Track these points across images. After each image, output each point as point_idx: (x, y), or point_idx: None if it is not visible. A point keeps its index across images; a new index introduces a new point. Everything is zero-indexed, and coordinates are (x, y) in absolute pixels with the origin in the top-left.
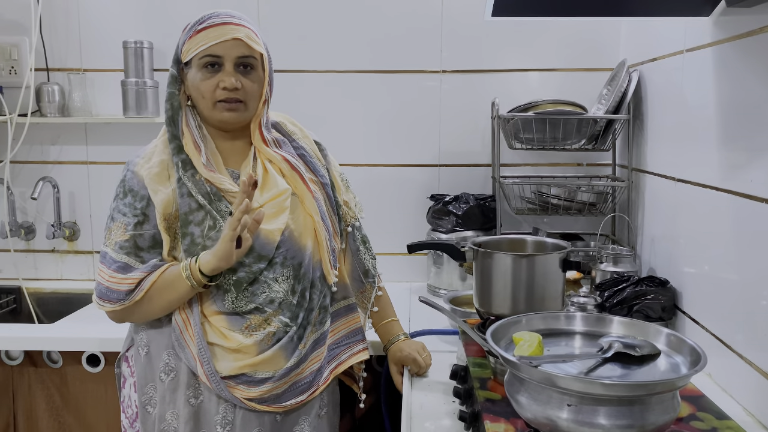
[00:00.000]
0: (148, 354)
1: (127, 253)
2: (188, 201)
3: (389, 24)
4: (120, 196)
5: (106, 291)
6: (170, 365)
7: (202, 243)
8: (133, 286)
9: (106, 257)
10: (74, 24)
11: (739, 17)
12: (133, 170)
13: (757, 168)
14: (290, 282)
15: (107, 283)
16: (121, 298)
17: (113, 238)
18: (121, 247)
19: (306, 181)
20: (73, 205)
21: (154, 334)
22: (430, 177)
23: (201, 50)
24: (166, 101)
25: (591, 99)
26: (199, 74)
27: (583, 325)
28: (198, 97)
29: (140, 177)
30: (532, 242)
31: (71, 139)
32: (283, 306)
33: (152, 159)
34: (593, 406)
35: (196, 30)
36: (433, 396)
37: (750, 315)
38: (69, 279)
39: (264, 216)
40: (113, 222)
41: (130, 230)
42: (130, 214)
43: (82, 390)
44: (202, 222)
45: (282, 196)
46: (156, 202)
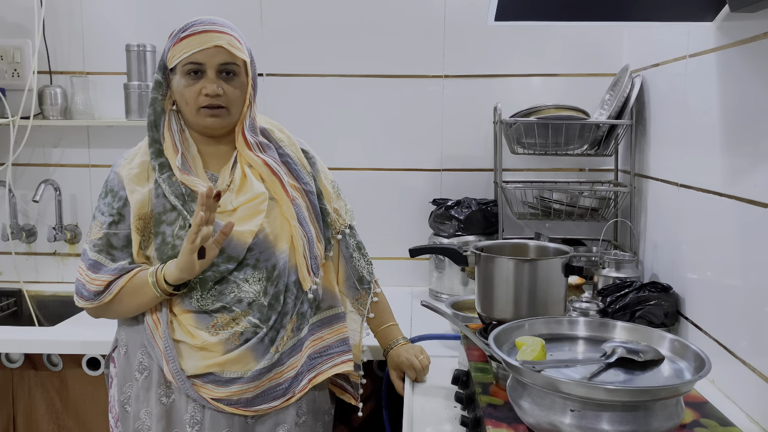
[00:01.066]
0: (126, 353)
1: (98, 251)
2: (162, 201)
3: (392, 29)
4: (102, 196)
5: (81, 287)
6: (144, 364)
7: (171, 242)
8: (101, 287)
9: (84, 254)
10: (77, 27)
11: (743, 22)
12: (116, 171)
13: (760, 173)
14: (262, 284)
15: (83, 279)
16: (91, 297)
17: (90, 236)
18: (95, 245)
19: (285, 186)
20: (74, 207)
21: (131, 333)
22: (433, 181)
23: (184, 57)
24: (149, 106)
25: (593, 104)
26: (183, 81)
27: (586, 330)
28: (182, 103)
29: (120, 177)
30: (534, 247)
31: (73, 141)
32: (253, 307)
33: (134, 160)
34: (596, 411)
35: (180, 37)
36: (435, 401)
37: (754, 321)
38: (70, 282)
39: (233, 226)
40: (94, 220)
41: (104, 229)
42: (107, 213)
43: (82, 393)
44: (174, 222)
45: (257, 199)
46: (132, 201)
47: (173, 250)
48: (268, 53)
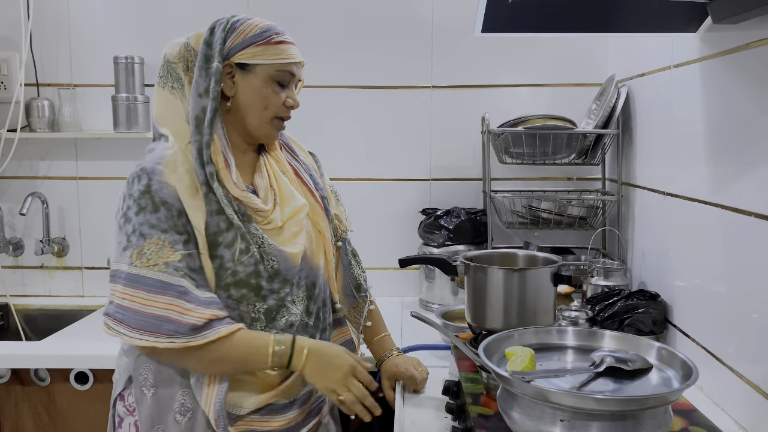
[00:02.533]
0: (156, 395)
1: (183, 275)
2: (217, 220)
3: (380, 40)
4: (148, 209)
5: (156, 321)
6: (186, 405)
7: (232, 268)
8: (200, 321)
9: (155, 284)
10: (65, 39)
11: (726, 33)
12: (161, 179)
13: (745, 182)
14: (304, 303)
15: (169, 313)
16: (182, 332)
17: (157, 259)
18: (176, 268)
19: (315, 195)
20: (62, 220)
21: (165, 373)
22: (422, 191)
23: (280, 63)
24: (212, 99)
25: (580, 114)
26: (270, 86)
27: (575, 339)
28: (257, 108)
29: (172, 187)
30: (523, 256)
31: (61, 154)
32: (299, 328)
33: (178, 168)
34: (586, 421)
35: (273, 40)
36: (426, 411)
37: (740, 328)
38: (57, 295)
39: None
40: (144, 239)
41: (180, 249)
42: (172, 231)
43: (70, 408)
44: (232, 244)
45: (301, 214)
46: (194, 220)
47: (234, 276)
48: None
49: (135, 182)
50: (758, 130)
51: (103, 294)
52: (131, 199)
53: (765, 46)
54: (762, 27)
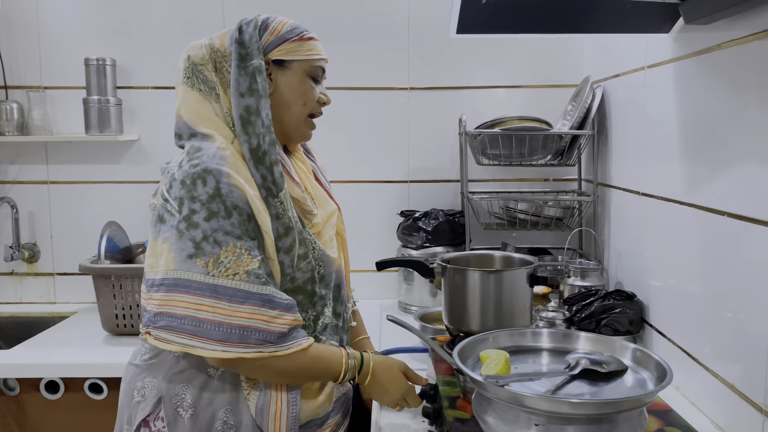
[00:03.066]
0: (195, 416)
1: (264, 283)
2: (276, 224)
3: (356, 41)
4: (222, 215)
5: (242, 332)
6: (229, 423)
7: (291, 274)
8: (285, 328)
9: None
10: (34, 40)
11: (698, 34)
12: (229, 182)
13: (719, 182)
14: (332, 305)
15: (246, 321)
16: (271, 341)
17: (236, 267)
18: (258, 276)
19: (333, 198)
20: (32, 226)
21: (204, 393)
22: (400, 193)
23: (313, 58)
24: (262, 97)
25: (556, 115)
26: (307, 82)
27: (550, 341)
28: (296, 103)
29: (242, 191)
30: (500, 258)
31: (31, 158)
32: (329, 330)
33: (241, 170)
34: (561, 425)
35: (305, 36)
36: (402, 415)
37: (715, 327)
38: (28, 302)
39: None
40: (220, 247)
41: (257, 256)
42: (246, 237)
43: (40, 418)
44: (291, 249)
45: (334, 217)
46: (264, 223)
47: (292, 283)
48: None
49: (199, 184)
50: (731, 130)
51: (75, 300)
52: (197, 202)
53: (736, 46)
54: (733, 28)
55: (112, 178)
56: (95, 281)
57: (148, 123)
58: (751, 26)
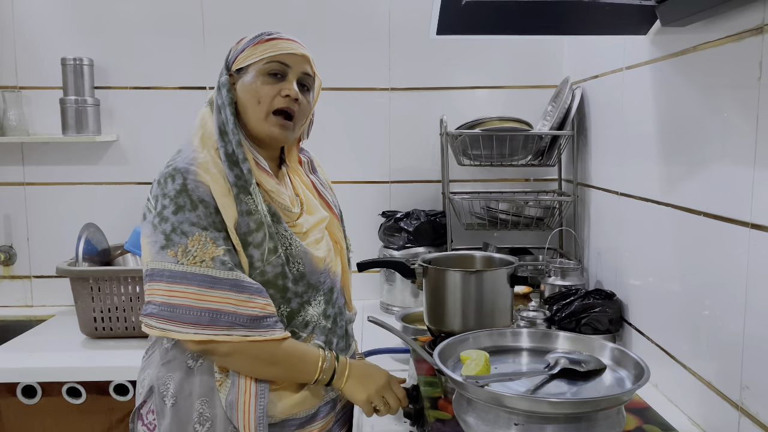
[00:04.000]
0: (176, 405)
1: (230, 269)
2: (247, 220)
3: (337, 42)
4: (188, 207)
5: (212, 314)
6: (205, 414)
7: (261, 268)
8: (257, 312)
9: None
10: (9, 40)
11: (674, 36)
12: (196, 179)
13: (694, 182)
14: (322, 306)
15: (215, 305)
16: (241, 323)
17: (203, 255)
18: (223, 262)
19: (333, 208)
20: (8, 228)
21: (185, 382)
22: (382, 194)
23: (268, 56)
24: (227, 105)
25: (536, 115)
26: (260, 79)
27: (529, 341)
28: (251, 104)
29: (207, 186)
30: (481, 258)
31: (6, 159)
32: (316, 330)
33: (210, 169)
34: (540, 424)
35: (264, 39)
36: (385, 417)
37: (693, 326)
38: (4, 306)
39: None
40: (187, 237)
41: (222, 245)
42: (212, 228)
43: (17, 423)
44: (261, 244)
45: (323, 223)
46: (227, 217)
47: (261, 276)
48: (210, 64)
49: (169, 182)
50: (706, 131)
51: (53, 303)
52: (166, 198)
53: (711, 48)
54: (708, 30)
55: (90, 180)
56: (73, 284)
57: (126, 124)
58: (726, 29)
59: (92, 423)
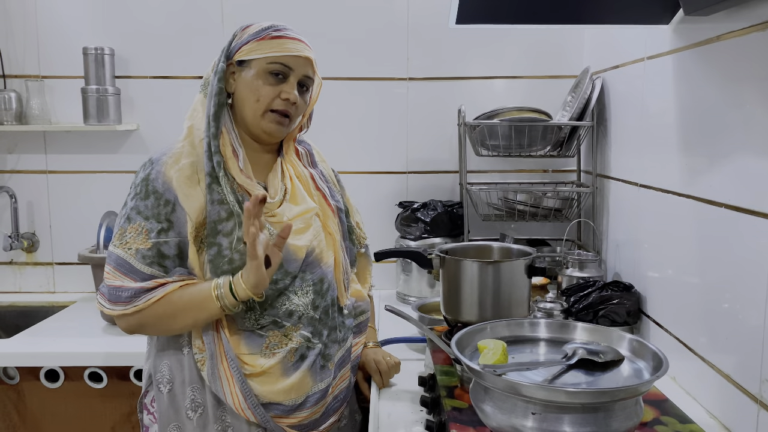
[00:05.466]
0: (171, 391)
1: (150, 263)
2: (218, 209)
3: (356, 31)
4: (141, 196)
5: (115, 291)
6: (196, 401)
7: (229, 255)
8: (151, 285)
9: (123, 264)
10: (32, 29)
11: (697, 26)
12: (160, 170)
13: (716, 173)
14: (310, 296)
15: (117, 283)
16: (132, 296)
17: (132, 243)
18: (144, 256)
19: (329, 201)
20: (31, 215)
21: (177, 370)
22: (399, 184)
23: (273, 56)
24: (214, 95)
25: (555, 106)
26: (261, 79)
27: (547, 331)
28: (250, 100)
29: (167, 178)
30: (498, 249)
31: (29, 147)
32: (303, 320)
33: (181, 160)
34: (557, 413)
35: (271, 35)
36: (402, 405)
37: (712, 318)
38: (27, 291)
39: (290, 228)
40: (130, 223)
41: (152, 238)
42: (153, 219)
43: (40, 407)
44: (231, 233)
45: (309, 213)
46: (188, 208)
47: (230, 264)
48: None
49: (141, 170)
50: (728, 122)
51: (75, 290)
52: (134, 185)
53: (735, 38)
54: (732, 19)
55: (111, 168)
56: (94, 271)
57: (146, 112)
58: (750, 18)
59: (113, 407)
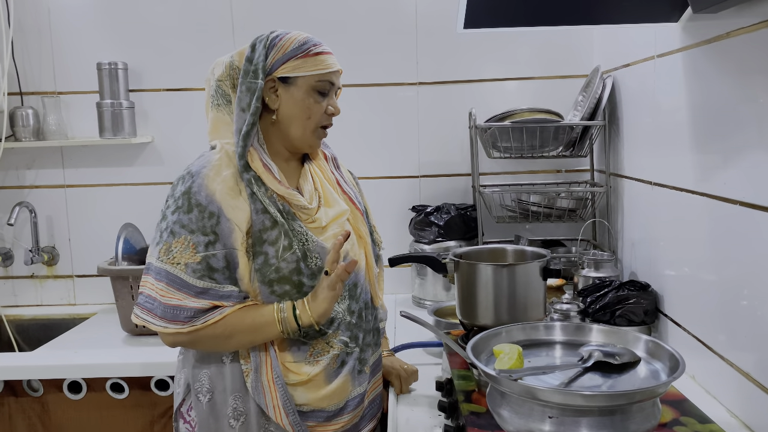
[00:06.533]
0: (212, 400)
1: (200, 276)
2: (262, 218)
3: (364, 37)
4: (183, 209)
5: (172, 310)
6: (239, 409)
7: (276, 264)
8: (208, 306)
9: (175, 280)
10: (47, 47)
11: (706, 23)
12: (202, 182)
13: (729, 170)
14: (346, 301)
15: (174, 301)
16: (192, 316)
17: (180, 258)
18: (194, 270)
19: (356, 203)
20: (51, 229)
21: (218, 379)
22: (411, 188)
23: (319, 74)
24: (250, 114)
25: (567, 106)
26: (312, 97)
27: (562, 334)
28: (300, 118)
29: (210, 191)
30: (513, 251)
31: (47, 162)
32: (341, 326)
33: (223, 172)
34: (574, 417)
35: (312, 52)
36: (419, 410)
37: (730, 316)
38: (49, 305)
39: (356, 264)
40: (174, 237)
41: (201, 251)
42: (199, 233)
43: (64, 418)
44: (276, 241)
45: (343, 217)
46: (235, 218)
47: (277, 273)
48: None
49: (180, 184)
50: (740, 119)
51: (94, 302)
52: (172, 198)
53: (745, 34)
54: (741, 16)
55: (127, 181)
56: (113, 282)
57: (160, 125)
58: (759, 14)
59: (135, 417)
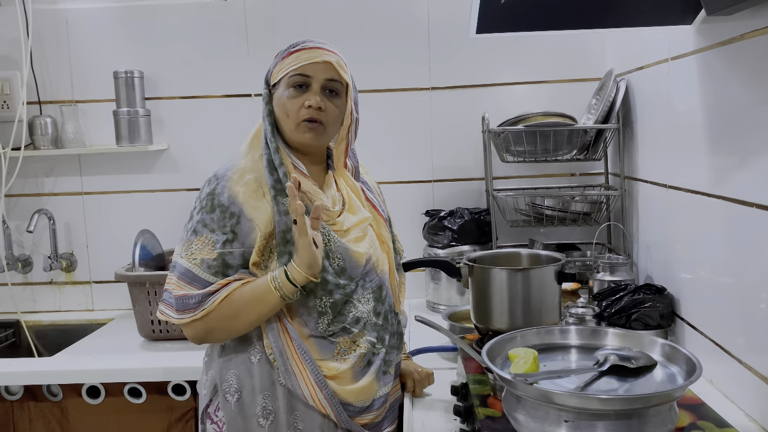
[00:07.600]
0: (240, 400)
1: (214, 273)
2: (285, 219)
3: (377, 43)
4: (207, 209)
5: (182, 300)
6: (268, 408)
7: None
8: (215, 288)
9: (186, 273)
10: (65, 56)
11: (720, 25)
12: (225, 184)
13: (744, 173)
14: (371, 303)
15: (182, 292)
16: (200, 301)
17: (197, 254)
18: (209, 266)
19: (380, 211)
20: (69, 236)
21: (246, 378)
22: (425, 193)
23: (291, 69)
24: (266, 116)
25: (580, 109)
26: (287, 93)
27: (578, 338)
28: (283, 116)
29: (233, 192)
30: (527, 255)
31: (65, 170)
32: (368, 326)
33: (246, 175)
34: (591, 421)
35: (289, 52)
36: (435, 414)
37: (748, 319)
38: (67, 310)
39: (321, 209)
40: (196, 236)
41: (218, 248)
42: (219, 231)
43: (83, 422)
44: None
45: (365, 223)
46: (257, 219)
47: None
48: (254, 72)
49: (206, 185)
50: (756, 121)
51: (112, 308)
52: (199, 199)
53: (759, 36)
54: (755, 18)
55: (144, 188)
56: (131, 288)
57: (176, 132)
58: None
59: (153, 422)
